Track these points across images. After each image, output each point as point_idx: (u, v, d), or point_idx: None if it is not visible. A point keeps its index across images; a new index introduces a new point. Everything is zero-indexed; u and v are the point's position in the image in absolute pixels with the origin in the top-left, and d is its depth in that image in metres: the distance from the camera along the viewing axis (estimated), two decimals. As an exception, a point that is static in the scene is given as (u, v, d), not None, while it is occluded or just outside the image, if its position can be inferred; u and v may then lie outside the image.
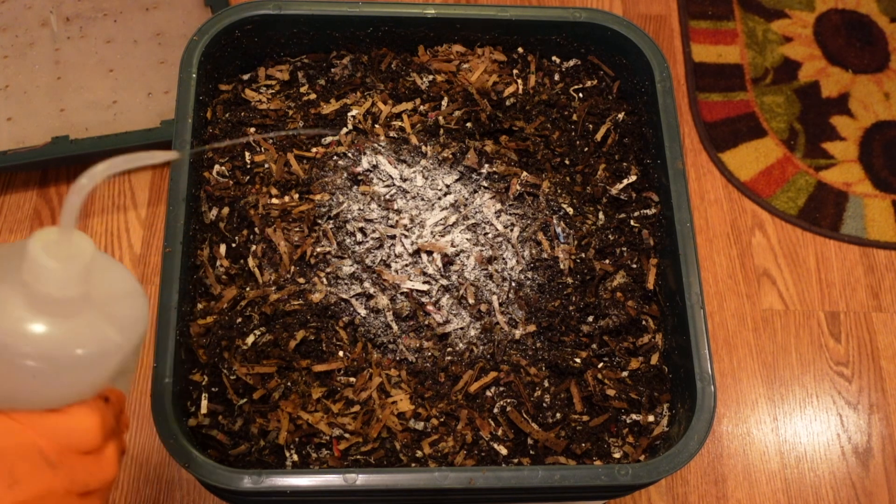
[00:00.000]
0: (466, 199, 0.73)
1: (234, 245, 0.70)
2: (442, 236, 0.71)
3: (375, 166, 0.73)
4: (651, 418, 0.67)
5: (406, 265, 0.70)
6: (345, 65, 0.79)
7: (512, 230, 0.72)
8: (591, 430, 0.66)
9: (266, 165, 0.73)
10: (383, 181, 0.73)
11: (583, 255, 0.71)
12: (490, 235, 0.71)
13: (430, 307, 0.68)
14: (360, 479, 0.58)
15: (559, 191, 0.74)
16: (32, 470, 0.38)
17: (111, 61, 1.07)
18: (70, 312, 0.38)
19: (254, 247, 0.69)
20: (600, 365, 0.68)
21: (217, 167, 0.73)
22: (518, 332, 0.68)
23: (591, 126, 0.77)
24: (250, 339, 0.66)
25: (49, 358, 0.38)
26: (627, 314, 0.69)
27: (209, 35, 0.73)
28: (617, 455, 0.65)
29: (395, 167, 0.73)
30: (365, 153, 0.74)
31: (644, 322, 0.70)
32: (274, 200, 0.71)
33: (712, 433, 0.97)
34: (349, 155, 0.74)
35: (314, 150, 0.74)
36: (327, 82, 0.78)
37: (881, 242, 1.09)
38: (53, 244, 0.38)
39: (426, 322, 0.68)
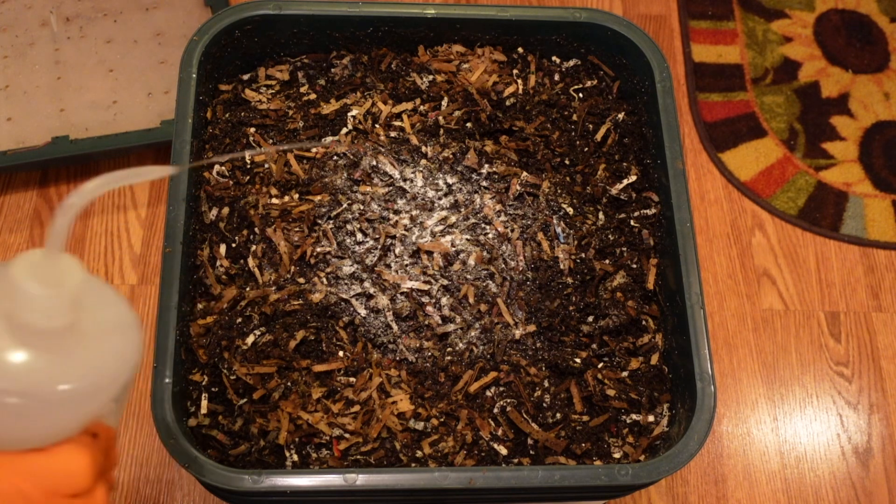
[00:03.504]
0: (466, 199, 0.73)
1: (234, 245, 0.70)
2: (442, 236, 0.71)
3: (375, 166, 0.73)
4: (651, 418, 0.67)
5: (406, 265, 0.70)
6: (345, 65, 0.79)
7: (512, 230, 0.72)
8: (591, 430, 0.66)
9: (266, 165, 0.73)
10: (383, 181, 0.73)
11: (583, 255, 0.71)
12: (490, 235, 0.71)
13: (430, 307, 0.68)
14: (360, 479, 0.58)
15: (559, 191, 0.74)
16: None
17: (111, 61, 1.07)
18: (56, 344, 0.35)
19: (254, 247, 0.69)
20: (600, 365, 0.68)
21: (217, 167, 0.73)
22: (518, 332, 0.68)
23: (591, 126, 0.77)
24: (250, 339, 0.66)
25: (32, 394, 0.34)
26: (627, 314, 0.69)
27: (209, 35, 0.73)
28: (617, 455, 0.65)
29: (396, 167, 0.73)
30: (365, 153, 0.74)
31: (644, 322, 0.70)
32: (274, 200, 0.71)
33: (712, 433, 0.97)
34: (349, 155, 0.74)
35: (314, 150, 0.74)
36: (327, 82, 0.78)
37: (881, 242, 1.09)
38: (39, 268, 0.34)
39: (426, 322, 0.68)
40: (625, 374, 0.68)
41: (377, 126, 0.75)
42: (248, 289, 0.68)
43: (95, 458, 0.37)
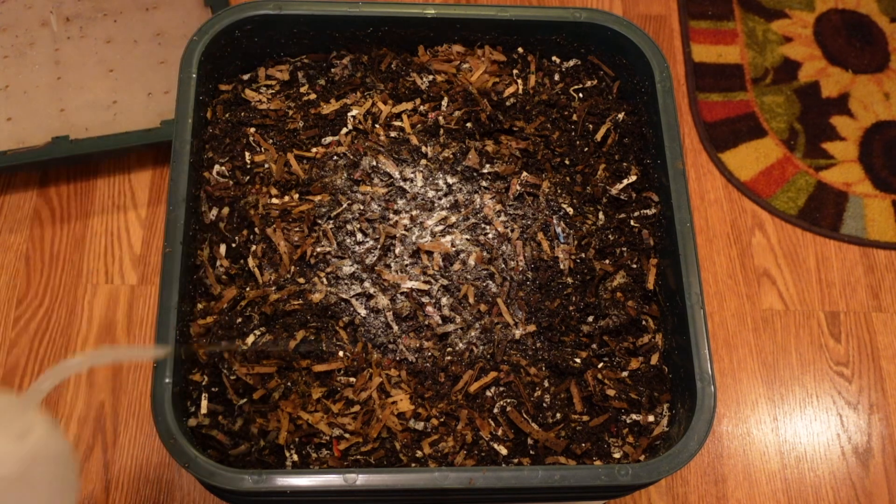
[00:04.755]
0: (466, 199, 0.73)
1: (234, 245, 0.70)
2: (442, 236, 0.71)
3: (375, 166, 0.73)
4: (651, 418, 0.67)
5: (406, 265, 0.70)
6: (345, 65, 0.79)
7: (512, 230, 0.72)
8: (591, 430, 0.66)
9: (266, 165, 0.73)
10: (383, 181, 0.73)
11: (583, 255, 0.71)
12: (490, 235, 0.71)
13: (430, 307, 0.68)
14: (360, 479, 0.58)
15: (559, 191, 0.74)
16: None
17: (111, 61, 1.07)
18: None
19: (254, 247, 0.69)
20: (600, 365, 0.68)
21: (217, 167, 0.73)
22: (518, 332, 0.68)
23: (591, 126, 0.77)
24: (250, 339, 0.66)
25: None
26: (627, 314, 0.69)
27: (209, 35, 0.73)
28: (617, 455, 0.65)
29: (396, 167, 0.73)
30: (365, 153, 0.74)
31: (644, 322, 0.70)
32: (274, 200, 0.71)
33: (712, 433, 0.97)
34: (349, 155, 0.74)
35: (314, 150, 0.74)
36: (327, 82, 0.78)
37: (881, 242, 1.09)
38: (6, 413, 0.34)
39: (426, 322, 0.68)
40: (625, 374, 0.68)
41: (377, 126, 0.75)
42: (248, 289, 0.68)
43: None
